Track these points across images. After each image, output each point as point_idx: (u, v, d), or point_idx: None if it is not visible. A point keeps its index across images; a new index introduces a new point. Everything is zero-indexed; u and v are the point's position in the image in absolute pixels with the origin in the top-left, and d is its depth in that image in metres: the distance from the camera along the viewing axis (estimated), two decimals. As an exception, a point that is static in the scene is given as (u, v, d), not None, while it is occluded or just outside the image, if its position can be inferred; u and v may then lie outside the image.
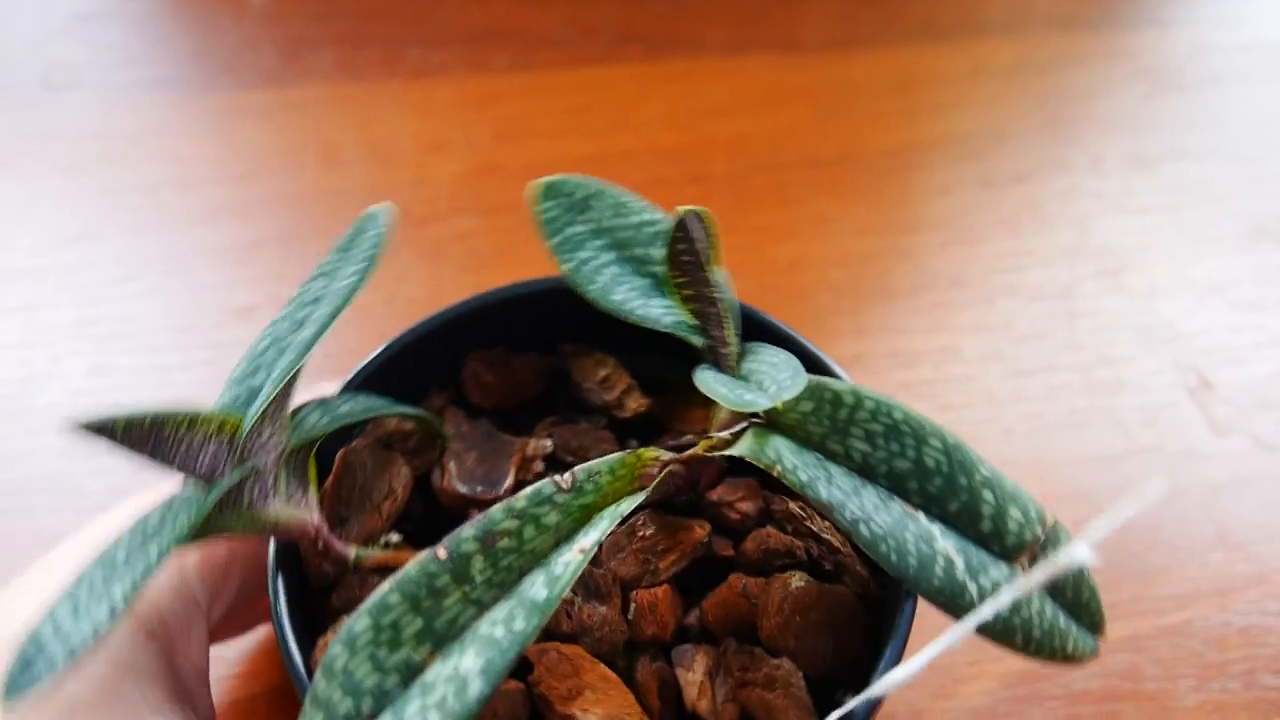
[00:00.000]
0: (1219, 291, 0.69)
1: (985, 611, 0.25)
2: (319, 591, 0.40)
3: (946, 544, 0.33)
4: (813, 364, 0.42)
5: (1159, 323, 0.67)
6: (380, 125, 0.79)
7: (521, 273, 0.47)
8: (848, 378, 0.40)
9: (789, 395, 0.31)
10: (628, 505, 0.34)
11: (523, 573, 0.32)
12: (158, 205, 0.73)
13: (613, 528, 0.32)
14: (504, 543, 0.32)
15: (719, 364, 0.38)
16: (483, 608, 0.31)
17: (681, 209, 0.34)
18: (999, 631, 0.32)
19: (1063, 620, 0.33)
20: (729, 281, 0.39)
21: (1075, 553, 0.24)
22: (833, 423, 0.34)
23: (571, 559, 0.31)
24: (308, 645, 0.36)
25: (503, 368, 0.47)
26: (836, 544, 0.32)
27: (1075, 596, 0.33)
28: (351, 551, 0.39)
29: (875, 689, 0.28)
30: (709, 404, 0.45)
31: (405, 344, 0.45)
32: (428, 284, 0.68)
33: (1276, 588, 0.55)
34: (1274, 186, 0.76)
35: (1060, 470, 0.60)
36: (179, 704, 0.36)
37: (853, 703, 0.29)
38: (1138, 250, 0.71)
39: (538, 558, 0.32)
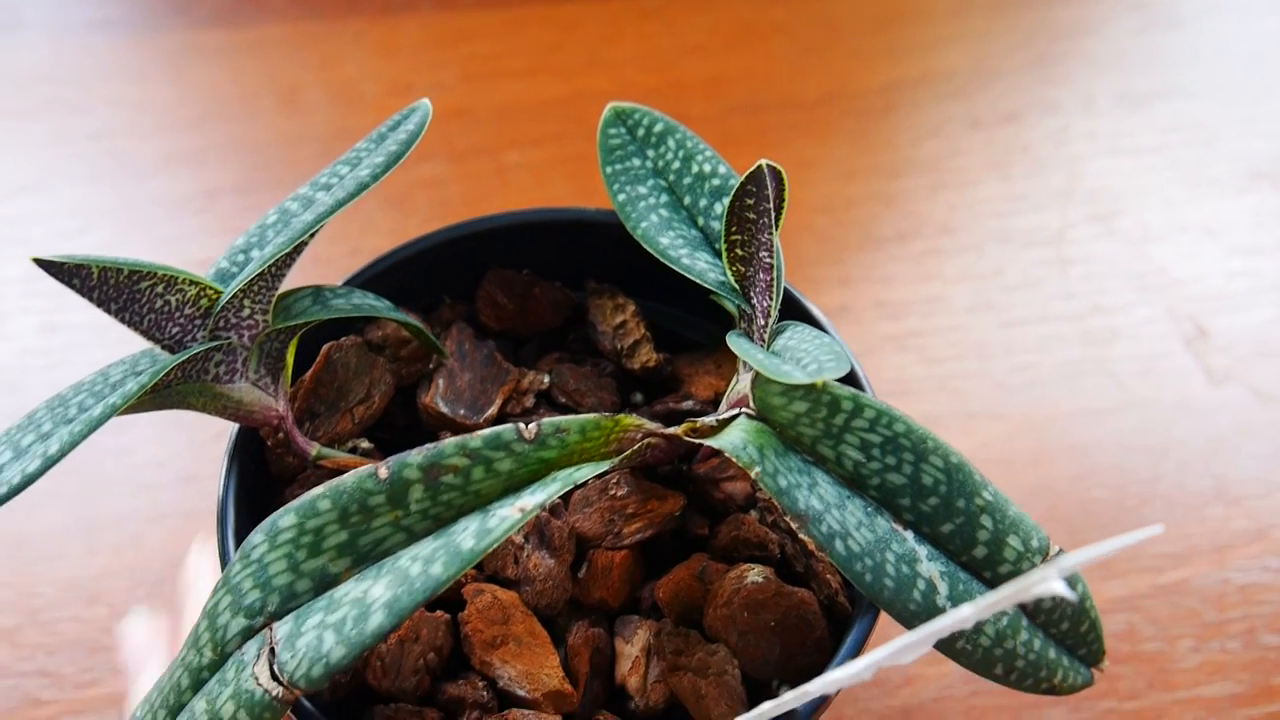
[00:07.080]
0: (1215, 236, 0.67)
1: (944, 623, 0.23)
2: (280, 483, 0.39)
3: (932, 567, 0.31)
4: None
5: (1152, 269, 0.65)
6: (342, 67, 0.75)
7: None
8: (870, 386, 0.39)
9: (829, 376, 0.29)
10: (587, 472, 0.32)
11: (461, 512, 0.31)
12: (110, 153, 0.70)
13: (563, 491, 0.31)
14: (449, 478, 0.30)
15: (750, 334, 0.36)
16: (412, 537, 0.30)
17: (762, 161, 0.33)
18: (977, 661, 0.30)
19: (1053, 652, 0.32)
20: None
21: (1048, 580, 0.21)
22: (827, 427, 0.32)
23: (509, 515, 0.30)
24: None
25: (522, 293, 0.45)
26: (813, 546, 0.30)
27: (1073, 628, 0.32)
28: (313, 449, 0.38)
29: (813, 685, 0.26)
30: (722, 372, 0.43)
31: (426, 247, 0.43)
32: (394, 234, 0.65)
33: (1276, 544, 0.54)
34: (1272, 126, 0.73)
35: (1054, 424, 0.58)
36: None
37: (787, 696, 0.27)
38: (1131, 194, 0.69)
39: (481, 501, 0.31)
